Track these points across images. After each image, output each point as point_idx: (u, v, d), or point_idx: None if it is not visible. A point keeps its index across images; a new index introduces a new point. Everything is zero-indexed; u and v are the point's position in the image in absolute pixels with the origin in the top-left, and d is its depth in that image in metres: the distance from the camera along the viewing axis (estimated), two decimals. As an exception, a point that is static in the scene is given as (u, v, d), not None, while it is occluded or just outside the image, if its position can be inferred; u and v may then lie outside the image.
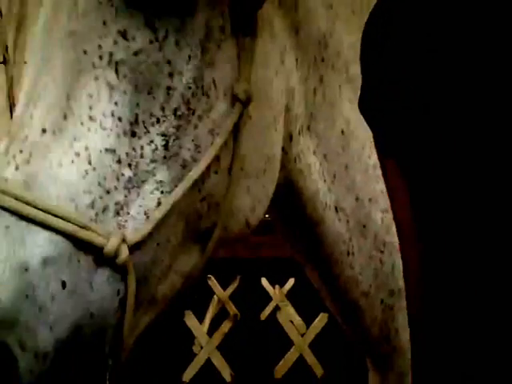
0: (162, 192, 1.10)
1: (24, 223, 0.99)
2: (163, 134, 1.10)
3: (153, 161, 1.09)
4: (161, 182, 1.10)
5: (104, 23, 1.09)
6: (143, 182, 1.09)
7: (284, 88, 1.32)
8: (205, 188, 1.16)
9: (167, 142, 1.10)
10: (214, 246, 1.22)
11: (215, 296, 5.70)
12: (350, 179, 1.44)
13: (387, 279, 1.48)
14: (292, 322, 5.14)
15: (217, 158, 1.16)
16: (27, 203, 1.00)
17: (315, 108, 1.39)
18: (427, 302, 0.90)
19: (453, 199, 0.85)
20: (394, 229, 1.46)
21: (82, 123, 1.06)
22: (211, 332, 5.02)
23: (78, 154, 1.05)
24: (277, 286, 5.22)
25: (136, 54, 1.09)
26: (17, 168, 1.03)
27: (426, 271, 0.90)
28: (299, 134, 1.37)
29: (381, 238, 1.47)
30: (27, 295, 0.96)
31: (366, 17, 1.43)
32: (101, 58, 1.09)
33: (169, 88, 1.11)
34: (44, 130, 1.05)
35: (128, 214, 1.07)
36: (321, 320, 5.03)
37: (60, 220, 1.00)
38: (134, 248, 1.06)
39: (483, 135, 0.83)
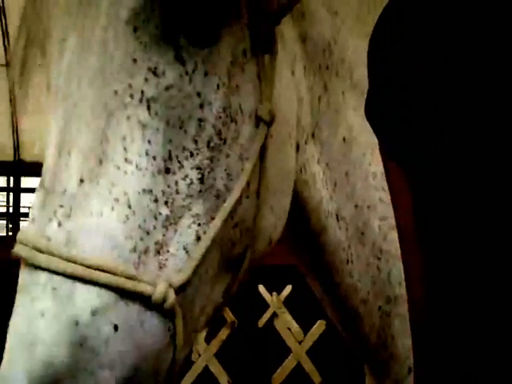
0: (198, 225, 1.09)
1: (71, 282, 0.99)
2: (198, 167, 1.10)
3: (188, 195, 1.09)
4: (197, 215, 1.09)
5: (134, 61, 1.07)
6: (180, 217, 1.08)
7: (295, 99, 1.32)
8: (237, 214, 1.16)
9: (202, 175, 1.10)
10: (246, 270, 1.22)
11: (213, 303, 5.67)
12: (351, 186, 1.44)
13: (384, 286, 1.48)
14: (289, 329, 5.12)
15: (247, 184, 1.15)
16: (72, 261, 0.99)
17: (319, 116, 1.39)
18: (429, 307, 0.90)
19: (456, 205, 0.85)
20: (390, 236, 1.47)
21: (118, 167, 1.05)
22: (209, 339, 5.01)
23: (117, 200, 1.04)
24: (274, 293, 5.21)
25: (167, 89, 1.08)
26: (59, 224, 1.02)
27: (428, 276, 0.90)
28: (305, 143, 1.37)
29: (378, 245, 1.47)
30: (81, 344, 0.97)
31: (370, 21, 1.44)
32: (132, 96, 1.07)
33: (200, 120, 1.10)
34: (82, 180, 1.04)
35: (168, 251, 1.07)
36: (318, 327, 5.02)
37: (105, 274, 1.00)
38: (179, 289, 1.06)
39: (489, 142, 0.82)
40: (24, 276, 1.02)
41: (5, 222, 18.08)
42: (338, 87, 1.42)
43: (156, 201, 1.06)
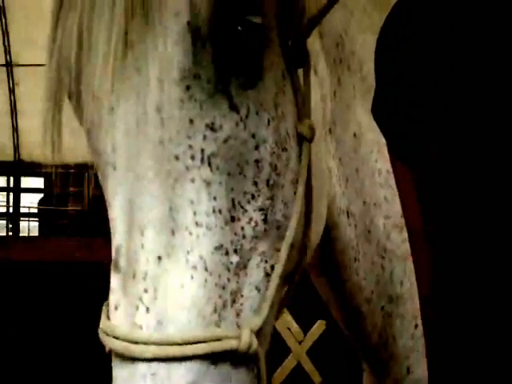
0: (265, 261, 1.11)
1: (167, 364, 1.02)
2: (260, 209, 1.10)
3: (254, 237, 1.10)
4: (263, 252, 1.11)
5: (191, 121, 1.05)
6: (248, 259, 1.10)
7: (319, 99, 1.31)
8: (295, 237, 1.16)
9: (266, 215, 1.10)
10: (296, 280, 1.25)
11: (213, 303, 5.67)
12: (360, 183, 1.44)
13: (387, 285, 1.49)
14: (289, 329, 5.12)
15: (301, 204, 1.16)
16: (165, 344, 1.02)
17: (334, 111, 1.39)
18: (438, 305, 0.90)
19: (463, 203, 0.85)
20: (393, 235, 1.46)
21: (190, 233, 1.05)
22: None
23: (195, 268, 1.05)
24: (274, 293, 5.21)
25: (225, 141, 1.07)
26: (147, 310, 1.03)
27: (436, 274, 0.90)
28: (325, 139, 1.37)
29: (382, 243, 1.47)
30: None
31: (376, 15, 1.44)
32: (193, 158, 1.06)
33: (257, 161, 1.10)
34: (159, 258, 1.04)
35: (242, 296, 1.09)
36: (318, 327, 5.02)
37: (196, 346, 1.02)
38: (259, 331, 1.10)
39: (496, 142, 0.82)
40: (120, 369, 1.04)
41: (5, 222, 18.11)
42: (349, 81, 1.41)
43: (227, 253, 1.07)
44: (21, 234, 17.55)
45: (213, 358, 1.04)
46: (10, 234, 16.99)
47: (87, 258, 7.57)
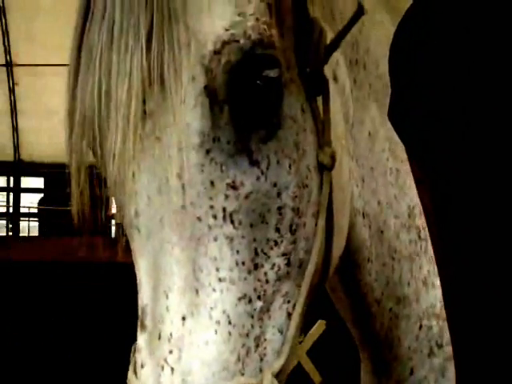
0: (288, 302, 1.11)
1: None
2: (283, 254, 1.09)
3: (277, 280, 1.09)
4: (286, 293, 1.11)
5: (212, 184, 1.05)
6: (272, 303, 1.09)
7: (340, 105, 1.29)
8: (316, 267, 1.16)
9: (289, 259, 1.10)
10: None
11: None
12: (375, 182, 1.43)
13: (395, 286, 1.48)
14: (290, 329, 5.13)
15: (322, 235, 1.15)
16: None
17: (351, 111, 1.38)
18: (453, 309, 0.89)
19: (479, 206, 0.85)
20: (401, 235, 1.46)
21: (214, 289, 1.06)
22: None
23: (218, 323, 1.05)
24: (274, 293, 5.22)
25: (247, 197, 1.07)
26: (172, 371, 1.04)
27: (448, 275, 0.89)
28: (345, 140, 1.35)
29: (393, 244, 1.47)
30: None
31: (386, 15, 1.43)
32: (215, 217, 1.06)
33: (279, 208, 1.09)
34: (184, 318, 1.05)
35: (265, 340, 1.09)
36: (318, 327, 5.02)
37: None
38: (279, 372, 1.09)
39: None
40: None
41: (5, 221, 18.11)
42: (365, 80, 1.40)
43: (250, 301, 1.07)
44: (21, 234, 17.54)
45: None
46: (10, 234, 16.99)
47: (87, 258, 7.57)
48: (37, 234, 16.56)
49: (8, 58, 16.48)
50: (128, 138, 1.03)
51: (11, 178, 17.86)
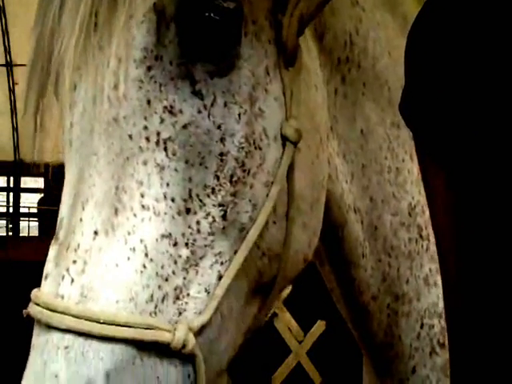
0: (221, 263, 1.05)
1: (83, 339, 0.96)
2: (220, 204, 1.04)
3: (210, 234, 1.04)
4: (220, 253, 1.05)
5: (148, 102, 1.02)
6: (201, 258, 1.03)
7: (320, 99, 1.27)
8: (264, 243, 1.10)
9: (225, 211, 1.05)
10: (277, 295, 1.19)
11: (213, 303, 5.66)
12: (366, 179, 1.42)
13: (393, 283, 1.47)
14: (290, 329, 5.13)
15: (274, 209, 1.10)
16: (84, 318, 0.96)
17: (336, 108, 1.36)
18: (465, 310, 0.89)
19: (498, 205, 0.84)
20: (399, 233, 1.45)
21: (134, 215, 1.01)
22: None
23: (133, 249, 1.00)
24: (274, 293, 5.21)
25: (185, 127, 1.03)
26: (72, 281, 0.99)
27: (463, 277, 0.89)
28: (327, 138, 1.33)
29: (389, 241, 1.45)
30: None
31: (387, 15, 1.42)
32: (148, 139, 1.02)
33: (221, 154, 1.05)
34: (96, 233, 1.00)
35: (188, 295, 1.02)
36: (318, 327, 5.02)
37: (120, 328, 0.96)
38: (201, 332, 1.02)
39: None
40: (37, 336, 0.99)
41: (5, 221, 18.13)
42: (358, 79, 1.38)
43: (175, 244, 1.02)
44: (21, 234, 17.55)
45: (139, 348, 0.97)
46: (10, 234, 16.99)
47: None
48: (37, 234, 16.56)
49: (8, 58, 16.50)
50: (75, 48, 1.02)
51: (11, 178, 17.88)
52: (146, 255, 1.00)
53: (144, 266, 0.99)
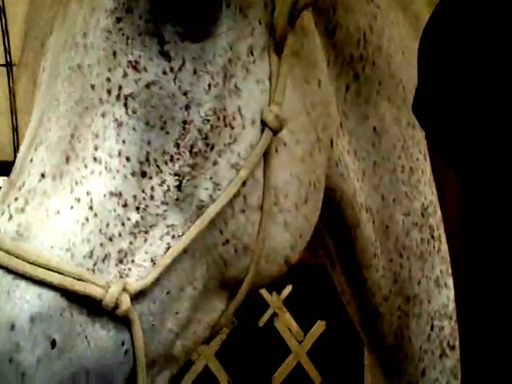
0: (173, 236, 1.01)
1: (12, 277, 0.92)
2: (176, 174, 1.01)
3: (164, 203, 1.00)
4: (172, 225, 1.01)
5: (114, 54, 1.01)
6: (152, 226, 1.00)
7: (325, 97, 1.25)
8: (228, 229, 1.06)
9: (180, 182, 1.01)
10: (247, 292, 1.12)
11: (213, 303, 5.66)
12: (378, 178, 1.40)
13: (404, 284, 1.45)
14: (290, 329, 5.13)
15: (242, 195, 1.06)
16: (16, 256, 0.92)
17: (346, 105, 1.34)
18: (474, 308, 0.88)
19: (508, 205, 0.84)
20: (412, 233, 1.43)
21: (85, 166, 0.98)
22: (209, 339, 5.01)
23: (78, 200, 0.97)
24: (274, 293, 5.21)
25: (148, 86, 1.01)
26: (10, 218, 0.96)
27: (473, 274, 0.88)
28: (337, 135, 1.31)
29: (401, 241, 1.43)
30: (11, 359, 0.89)
31: (399, 13, 1.42)
32: (109, 92, 1.00)
33: (185, 122, 1.02)
34: (43, 175, 0.98)
35: (133, 261, 0.98)
36: (318, 327, 5.02)
37: (51, 273, 0.92)
38: (139, 298, 0.97)
39: None
40: None
41: (5, 221, 18.12)
42: (373, 77, 1.35)
43: (125, 205, 0.98)
44: (21, 234, 17.50)
45: (69, 299, 0.93)
46: (10, 233, 16.94)
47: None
48: (37, 234, 16.53)
49: (8, 58, 16.48)
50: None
51: (11, 178, 17.88)
52: (91, 208, 0.97)
53: (87, 219, 0.96)
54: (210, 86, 1.04)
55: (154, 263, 0.99)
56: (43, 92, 1.04)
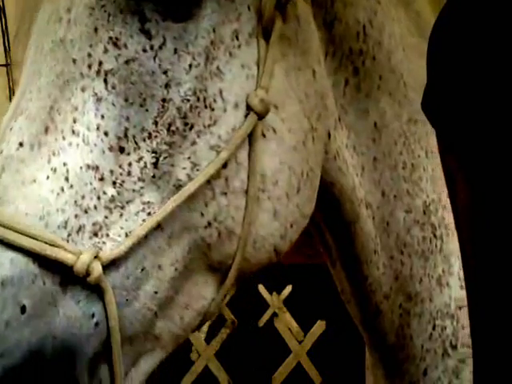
0: (148, 213, 1.01)
1: None
2: (153, 151, 1.02)
3: (141, 179, 1.01)
4: (148, 203, 1.02)
5: (95, 30, 1.03)
6: (128, 202, 1.01)
7: (321, 88, 1.25)
8: (209, 211, 1.06)
9: (157, 159, 1.03)
10: (236, 278, 1.13)
11: (213, 303, 5.64)
12: (378, 173, 1.40)
13: (406, 282, 1.45)
14: (290, 329, 5.12)
15: (224, 177, 1.07)
16: None
17: (345, 99, 1.34)
18: (485, 307, 0.88)
19: None
20: (413, 231, 1.43)
21: (63, 137, 1.00)
22: (209, 339, 5.01)
23: (54, 170, 0.98)
24: (274, 293, 5.20)
25: (127, 62, 1.03)
26: None
27: (483, 278, 0.88)
28: (334, 129, 1.31)
29: (402, 238, 1.43)
30: None
31: (401, 10, 1.41)
32: (90, 67, 1.02)
33: (164, 100, 1.03)
34: (21, 144, 1.00)
35: (107, 235, 0.99)
36: (318, 327, 5.01)
37: (23, 237, 0.93)
38: (111, 269, 0.98)
39: None
40: None
41: (5, 222, 18.15)
42: (373, 71, 1.35)
43: (102, 179, 1.00)
44: (21, 234, 17.52)
45: (41, 266, 0.94)
46: (10, 234, 16.95)
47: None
48: (37, 234, 16.53)
49: (8, 58, 16.51)
50: None
51: (11, 178, 17.88)
52: (67, 179, 0.98)
53: (62, 190, 0.98)
54: (190, 66, 1.05)
55: (127, 236, 1.00)
56: (28, 66, 1.07)
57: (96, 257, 0.96)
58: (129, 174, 1.01)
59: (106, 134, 1.01)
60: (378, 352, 1.52)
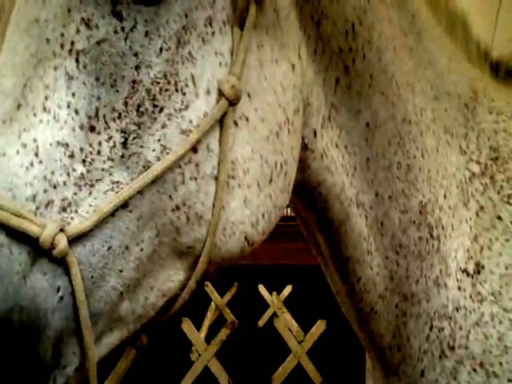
0: (116, 193, 1.02)
1: None
2: (123, 131, 1.03)
3: (110, 159, 1.03)
4: (118, 182, 1.03)
5: (68, 11, 1.05)
6: (98, 180, 1.02)
7: (301, 83, 1.25)
8: (178, 195, 1.07)
9: (126, 139, 1.04)
10: (207, 265, 1.13)
11: (212, 303, 5.68)
12: (371, 174, 1.39)
13: (402, 283, 1.44)
14: (290, 329, 5.13)
15: (194, 163, 1.08)
16: None
17: (336, 98, 1.34)
18: None
19: None
20: (409, 231, 1.42)
21: (34, 114, 1.02)
22: (209, 339, 5.02)
23: (24, 145, 1.00)
24: (274, 293, 5.22)
25: (98, 43, 1.04)
26: None
27: None
28: (322, 127, 1.31)
29: (397, 238, 1.43)
30: None
31: (393, 12, 1.40)
32: (62, 46, 1.04)
33: (134, 82, 1.05)
34: None
35: (76, 211, 1.00)
36: (318, 327, 5.02)
37: None
38: (77, 244, 0.99)
39: None
40: None
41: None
42: (364, 70, 1.35)
43: (72, 156, 1.01)
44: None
45: (8, 235, 0.95)
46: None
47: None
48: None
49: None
50: None
51: (11, 178, 17.85)
52: (36, 155, 1.00)
53: (31, 164, 0.99)
54: (161, 49, 1.06)
55: (94, 212, 1.00)
56: (6, 42, 1.09)
57: (62, 230, 0.96)
58: (98, 152, 1.02)
59: (76, 112, 1.03)
60: (375, 353, 1.52)
